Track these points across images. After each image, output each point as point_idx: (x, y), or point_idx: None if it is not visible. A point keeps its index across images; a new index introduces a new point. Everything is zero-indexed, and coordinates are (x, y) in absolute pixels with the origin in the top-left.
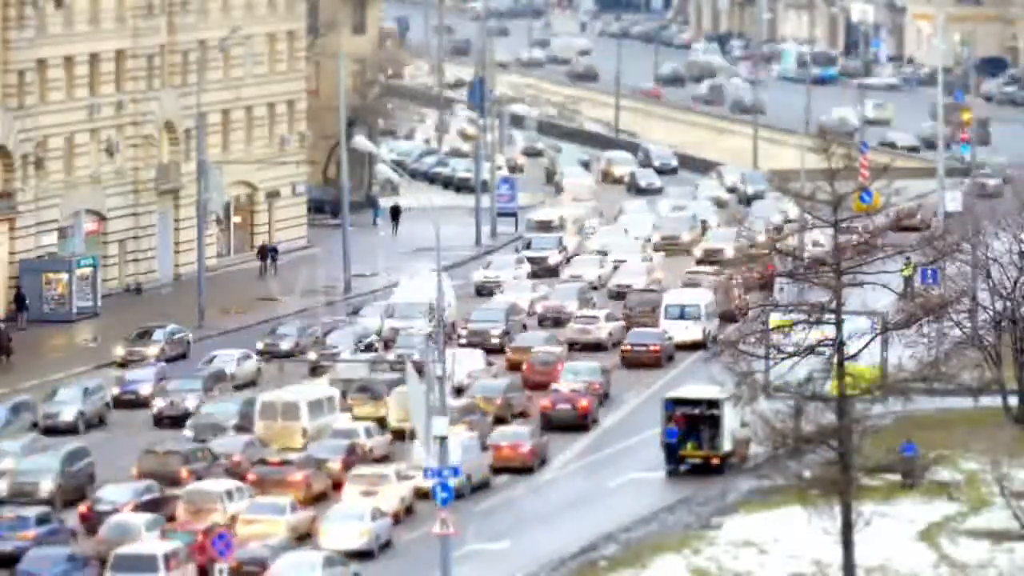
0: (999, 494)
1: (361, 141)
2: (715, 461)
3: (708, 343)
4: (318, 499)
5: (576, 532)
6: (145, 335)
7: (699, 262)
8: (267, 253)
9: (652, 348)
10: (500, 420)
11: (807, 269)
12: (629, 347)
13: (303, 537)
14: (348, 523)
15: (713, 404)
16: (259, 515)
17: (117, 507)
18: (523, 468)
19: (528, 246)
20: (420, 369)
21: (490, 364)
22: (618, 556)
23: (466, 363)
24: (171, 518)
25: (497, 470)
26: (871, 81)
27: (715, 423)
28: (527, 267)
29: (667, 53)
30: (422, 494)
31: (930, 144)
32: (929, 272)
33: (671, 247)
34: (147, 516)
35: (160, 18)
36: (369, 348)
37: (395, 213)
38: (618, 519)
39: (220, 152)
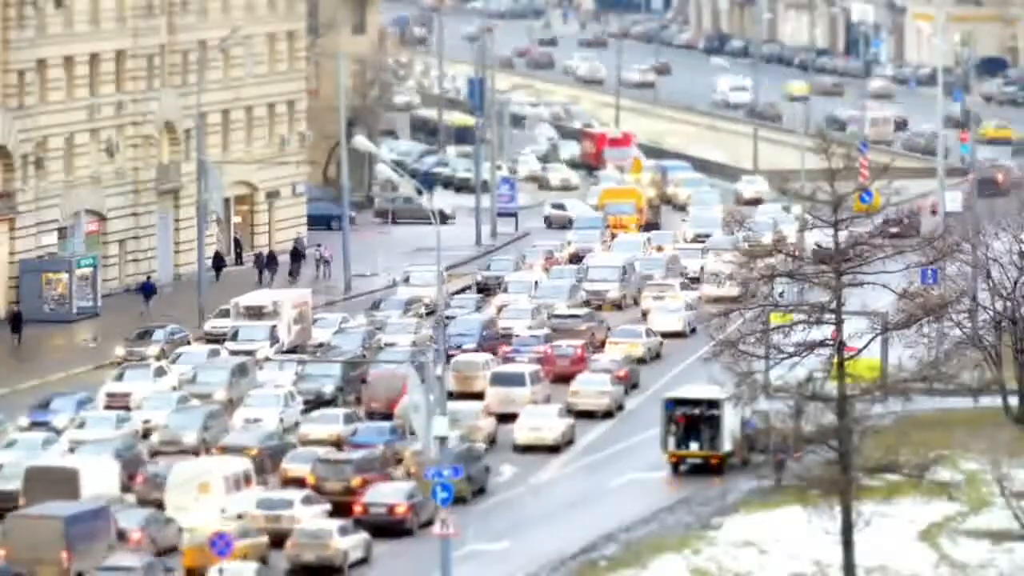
0: (999, 494)
1: (361, 141)
2: (715, 461)
3: None
4: (600, 346)
5: (576, 532)
6: (145, 335)
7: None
8: (16, 320)
9: None
10: None
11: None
12: None
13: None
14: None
15: (713, 404)
16: (623, 339)
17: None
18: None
19: (235, 337)
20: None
21: None
22: (618, 556)
23: None
24: None
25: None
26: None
27: (715, 423)
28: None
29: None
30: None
31: None
32: (929, 272)
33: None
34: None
35: (160, 18)
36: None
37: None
38: (618, 519)
39: (220, 152)
